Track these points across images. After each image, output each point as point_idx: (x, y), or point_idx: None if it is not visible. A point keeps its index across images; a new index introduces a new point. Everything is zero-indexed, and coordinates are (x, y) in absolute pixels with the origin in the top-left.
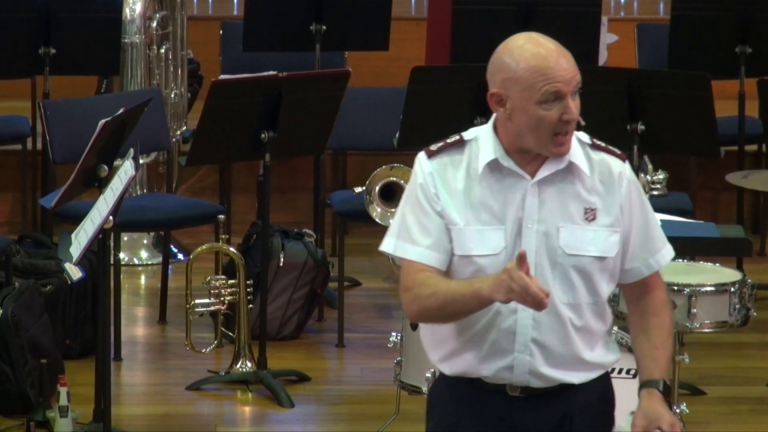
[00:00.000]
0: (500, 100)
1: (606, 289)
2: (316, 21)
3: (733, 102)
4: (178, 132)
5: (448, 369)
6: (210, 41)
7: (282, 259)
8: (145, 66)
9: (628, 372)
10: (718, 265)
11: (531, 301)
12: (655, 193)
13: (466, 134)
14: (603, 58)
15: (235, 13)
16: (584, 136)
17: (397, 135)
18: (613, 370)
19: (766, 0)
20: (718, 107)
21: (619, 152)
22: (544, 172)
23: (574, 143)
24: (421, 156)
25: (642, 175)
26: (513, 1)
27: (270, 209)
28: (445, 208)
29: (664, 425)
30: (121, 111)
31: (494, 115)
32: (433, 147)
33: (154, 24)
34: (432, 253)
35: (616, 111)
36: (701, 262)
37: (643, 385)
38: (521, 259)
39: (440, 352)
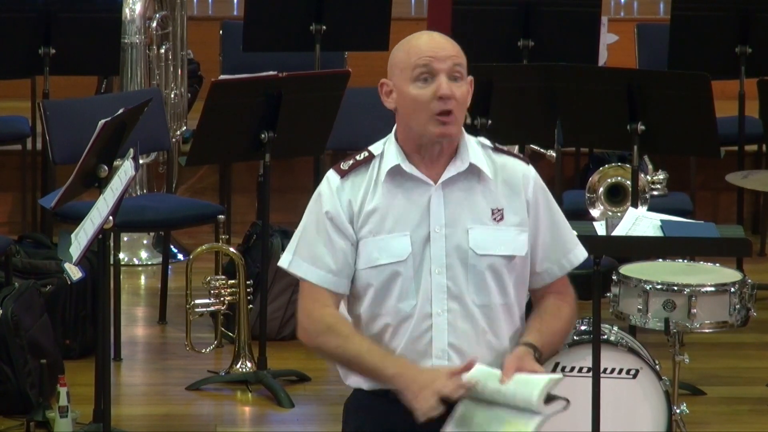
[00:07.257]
0: (389, 91)
1: (513, 291)
2: (316, 21)
3: (733, 102)
4: (178, 132)
5: (364, 384)
6: (210, 41)
7: None
8: (145, 66)
9: (628, 372)
10: (718, 265)
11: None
12: (655, 193)
13: (374, 148)
14: (603, 58)
15: (235, 13)
16: (486, 141)
17: None
18: (613, 370)
19: (766, 0)
20: (718, 107)
21: (521, 156)
22: (446, 174)
23: (476, 147)
24: (332, 177)
25: (642, 175)
26: (513, 1)
27: (270, 209)
28: (357, 229)
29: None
30: (120, 111)
31: (396, 125)
32: (344, 166)
33: (154, 24)
34: (335, 279)
35: (616, 111)
36: (701, 262)
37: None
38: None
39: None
